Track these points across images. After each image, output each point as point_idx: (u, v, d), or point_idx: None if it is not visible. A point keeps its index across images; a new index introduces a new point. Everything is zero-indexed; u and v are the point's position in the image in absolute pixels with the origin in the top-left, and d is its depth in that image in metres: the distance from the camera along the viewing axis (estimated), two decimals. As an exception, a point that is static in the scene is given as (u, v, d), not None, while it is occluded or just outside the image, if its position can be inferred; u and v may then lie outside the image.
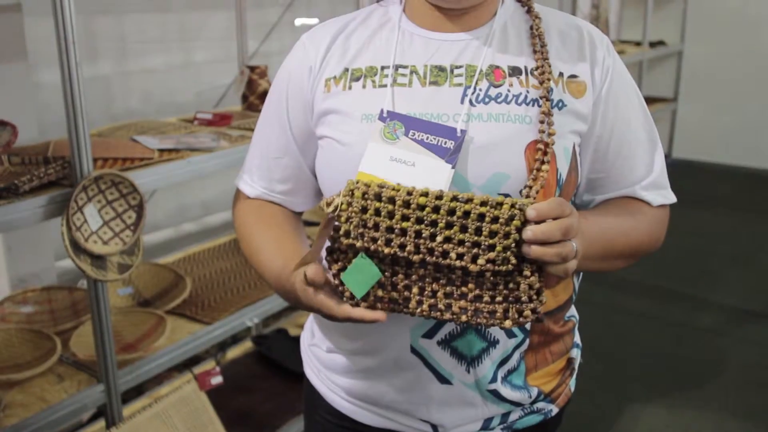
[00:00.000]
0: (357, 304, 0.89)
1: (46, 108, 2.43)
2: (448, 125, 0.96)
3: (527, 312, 0.85)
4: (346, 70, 1.05)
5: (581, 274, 1.17)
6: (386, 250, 0.86)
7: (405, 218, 0.85)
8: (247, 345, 2.85)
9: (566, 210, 0.84)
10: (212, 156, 1.99)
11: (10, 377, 1.78)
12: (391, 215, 0.85)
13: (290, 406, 2.45)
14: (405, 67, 1.02)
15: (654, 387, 2.93)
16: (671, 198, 1.11)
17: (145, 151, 1.91)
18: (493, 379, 1.05)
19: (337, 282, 0.90)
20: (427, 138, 0.95)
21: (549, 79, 0.99)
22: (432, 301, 0.88)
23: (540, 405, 1.12)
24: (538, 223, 0.82)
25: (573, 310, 1.17)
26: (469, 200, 0.83)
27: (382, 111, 0.98)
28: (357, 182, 0.87)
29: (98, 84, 2.87)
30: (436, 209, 0.84)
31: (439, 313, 0.88)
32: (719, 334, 3.37)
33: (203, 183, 3.33)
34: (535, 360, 1.09)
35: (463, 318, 0.87)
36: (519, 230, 0.83)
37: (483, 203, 0.83)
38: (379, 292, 0.89)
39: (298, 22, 3.64)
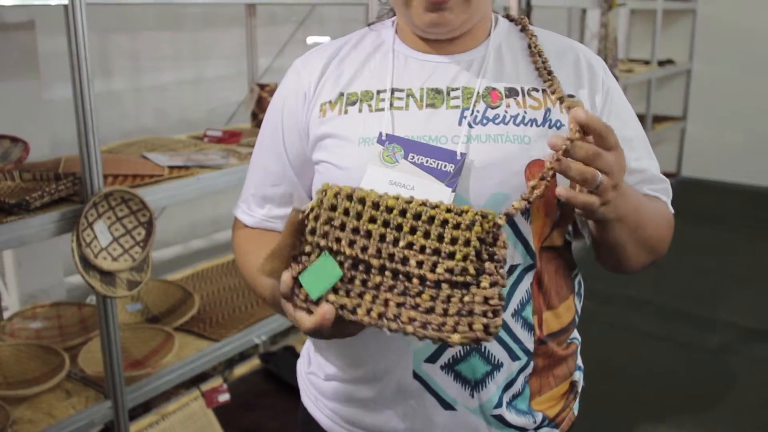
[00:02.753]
0: (309, 310, 0.86)
1: (58, 124, 2.45)
2: (447, 148, 0.96)
3: (478, 325, 0.81)
4: (342, 94, 1.04)
5: (582, 296, 1.15)
6: (348, 251, 0.85)
7: (372, 220, 0.85)
8: (254, 362, 2.84)
9: (611, 138, 0.85)
10: (221, 173, 2.00)
11: (19, 393, 1.78)
12: (359, 216, 0.85)
13: (297, 423, 2.43)
14: (401, 90, 1.02)
15: (663, 407, 2.91)
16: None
17: (155, 168, 1.92)
18: (498, 404, 1.03)
19: (293, 284, 0.87)
20: (427, 161, 0.95)
21: (556, 90, 0.99)
22: (382, 309, 0.85)
23: (544, 431, 1.10)
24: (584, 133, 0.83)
25: (575, 333, 1.15)
26: (436, 206, 0.84)
27: (381, 134, 0.97)
28: (330, 183, 0.87)
29: (109, 101, 2.89)
30: (402, 212, 0.84)
31: (385, 322, 0.84)
32: (728, 353, 3.34)
33: (212, 200, 3.34)
34: (540, 384, 1.07)
35: (409, 329, 0.83)
36: (480, 239, 0.82)
37: (448, 210, 0.84)
38: (331, 297, 0.86)
39: (310, 40, 3.66)
